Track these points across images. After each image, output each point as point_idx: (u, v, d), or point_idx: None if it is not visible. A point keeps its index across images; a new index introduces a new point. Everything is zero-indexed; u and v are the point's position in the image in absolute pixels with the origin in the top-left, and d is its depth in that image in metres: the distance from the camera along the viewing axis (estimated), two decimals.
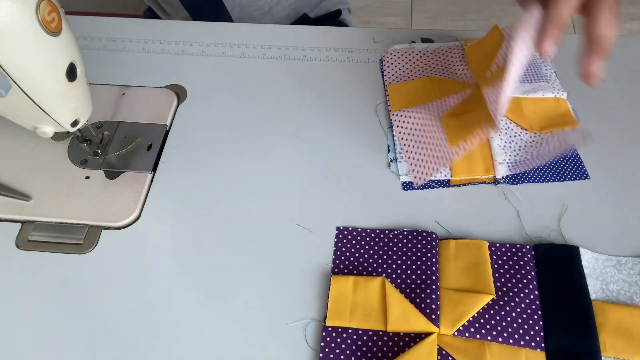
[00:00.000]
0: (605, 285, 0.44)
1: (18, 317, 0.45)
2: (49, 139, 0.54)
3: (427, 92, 0.58)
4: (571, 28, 1.75)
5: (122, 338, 0.43)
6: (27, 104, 0.43)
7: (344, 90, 0.61)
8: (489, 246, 0.46)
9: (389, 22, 1.82)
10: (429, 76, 0.60)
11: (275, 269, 0.47)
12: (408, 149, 0.53)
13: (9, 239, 0.49)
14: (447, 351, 0.41)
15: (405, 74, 0.61)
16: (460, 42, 0.63)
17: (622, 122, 0.56)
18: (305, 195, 0.52)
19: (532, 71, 0.59)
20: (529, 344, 0.41)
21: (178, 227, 0.50)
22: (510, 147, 0.53)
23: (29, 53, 0.40)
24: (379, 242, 0.47)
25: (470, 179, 0.51)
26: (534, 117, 0.55)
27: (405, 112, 0.56)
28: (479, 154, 0.52)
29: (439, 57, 0.63)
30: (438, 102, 0.57)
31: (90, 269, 0.47)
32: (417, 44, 0.64)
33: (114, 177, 0.53)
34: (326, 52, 0.65)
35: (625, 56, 0.62)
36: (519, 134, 0.54)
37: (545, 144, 0.52)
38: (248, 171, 0.54)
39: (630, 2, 1.84)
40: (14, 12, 0.38)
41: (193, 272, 0.47)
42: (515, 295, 0.43)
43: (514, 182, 0.51)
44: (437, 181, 0.52)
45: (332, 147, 0.55)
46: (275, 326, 0.43)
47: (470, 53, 0.61)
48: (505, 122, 0.55)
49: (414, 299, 0.43)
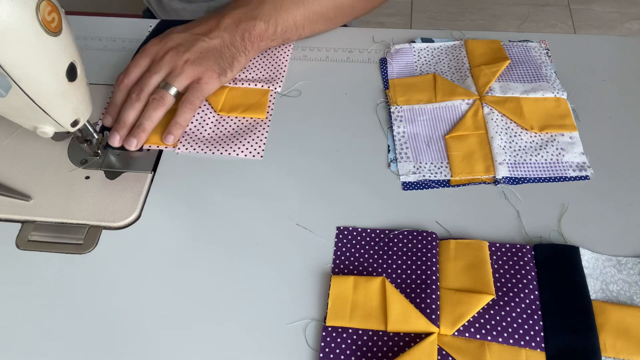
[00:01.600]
0: (605, 286, 0.44)
1: (18, 317, 0.45)
2: (48, 139, 0.54)
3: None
4: (571, 28, 1.76)
5: (122, 338, 0.43)
6: (27, 104, 0.43)
7: (344, 90, 0.61)
8: (489, 246, 0.46)
9: (389, 22, 1.82)
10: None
11: (275, 269, 0.47)
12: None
13: (9, 239, 0.49)
14: (447, 351, 0.41)
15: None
16: (461, 42, 0.63)
17: (622, 122, 0.56)
18: (305, 195, 0.52)
19: (532, 71, 0.59)
20: (529, 344, 0.41)
21: (178, 227, 0.50)
22: (511, 148, 0.53)
23: (29, 53, 0.40)
24: (379, 242, 0.47)
25: (470, 179, 0.51)
26: (534, 117, 0.55)
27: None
28: (479, 154, 0.53)
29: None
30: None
31: (90, 269, 0.47)
32: (417, 44, 0.64)
33: (114, 177, 0.53)
34: (326, 52, 0.65)
35: (625, 56, 0.62)
36: (519, 134, 0.54)
37: (545, 148, 0.53)
38: (248, 171, 0.54)
39: (630, 2, 1.84)
40: (14, 12, 0.38)
41: (193, 272, 0.47)
42: (515, 295, 0.43)
43: (514, 182, 0.51)
44: (437, 181, 0.52)
45: (332, 147, 0.55)
46: (275, 326, 0.43)
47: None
48: (505, 122, 0.55)
49: (414, 299, 0.43)
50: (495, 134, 0.53)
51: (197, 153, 0.55)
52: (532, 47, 0.62)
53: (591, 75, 0.60)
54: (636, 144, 0.54)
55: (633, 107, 0.57)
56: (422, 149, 0.54)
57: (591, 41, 0.64)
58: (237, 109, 0.58)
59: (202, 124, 0.57)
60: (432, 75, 0.60)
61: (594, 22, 1.79)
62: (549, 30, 1.76)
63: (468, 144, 0.54)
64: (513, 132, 0.54)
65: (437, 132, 0.55)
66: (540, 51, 0.62)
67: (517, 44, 0.63)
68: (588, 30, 1.76)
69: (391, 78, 0.61)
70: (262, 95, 0.60)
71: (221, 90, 0.60)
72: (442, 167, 0.52)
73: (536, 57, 0.61)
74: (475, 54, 0.61)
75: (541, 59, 0.61)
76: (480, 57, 0.61)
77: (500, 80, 0.58)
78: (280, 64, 0.63)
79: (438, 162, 0.53)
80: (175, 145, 0.55)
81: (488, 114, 0.55)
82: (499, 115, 0.55)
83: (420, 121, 0.56)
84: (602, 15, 1.81)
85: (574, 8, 1.83)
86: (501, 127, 0.54)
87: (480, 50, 0.62)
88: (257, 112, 0.58)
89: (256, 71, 0.63)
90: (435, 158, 0.53)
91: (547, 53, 0.62)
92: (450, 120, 0.56)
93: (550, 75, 0.59)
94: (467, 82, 0.59)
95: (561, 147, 0.53)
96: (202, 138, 0.56)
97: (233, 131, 0.57)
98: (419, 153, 0.54)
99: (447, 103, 0.57)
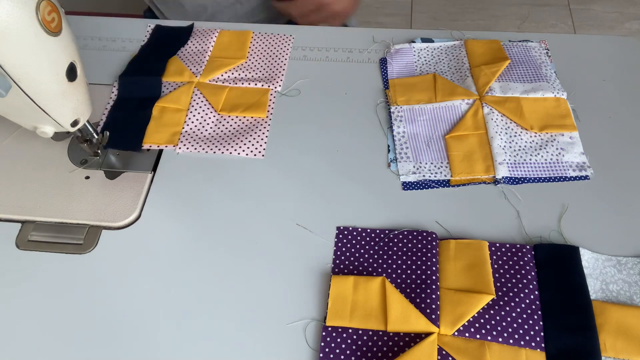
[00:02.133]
0: (605, 285, 0.44)
1: (18, 316, 0.45)
2: (48, 139, 0.54)
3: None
4: (571, 28, 1.76)
5: (122, 337, 0.43)
6: (27, 104, 0.43)
7: (344, 90, 0.61)
8: (489, 246, 0.46)
9: (389, 22, 1.81)
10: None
11: (276, 268, 0.47)
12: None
13: (9, 239, 0.49)
14: (447, 351, 0.41)
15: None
16: (461, 42, 0.63)
17: (622, 122, 0.56)
18: (305, 195, 0.52)
19: (532, 71, 0.59)
20: (529, 344, 0.41)
21: (178, 227, 0.50)
22: (511, 147, 0.53)
23: (29, 53, 0.40)
24: (379, 242, 0.47)
25: (470, 179, 0.51)
26: (534, 117, 0.55)
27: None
28: (479, 154, 0.53)
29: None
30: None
31: (90, 269, 0.47)
32: (417, 44, 0.64)
33: (114, 177, 0.53)
34: (326, 52, 0.65)
35: (625, 56, 0.62)
36: (519, 134, 0.54)
37: (545, 148, 0.53)
38: (248, 171, 0.54)
39: (630, 2, 1.83)
40: (14, 12, 0.38)
41: (193, 272, 0.47)
42: (515, 295, 0.43)
43: (514, 182, 0.51)
44: (437, 181, 0.52)
45: (332, 147, 0.55)
46: (275, 326, 0.43)
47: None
48: (505, 122, 0.55)
49: (414, 299, 0.43)
50: (495, 134, 0.53)
51: (197, 153, 0.55)
52: (532, 47, 0.62)
53: (591, 75, 0.60)
54: (636, 144, 0.54)
55: (633, 107, 0.57)
56: (422, 149, 0.54)
57: (591, 41, 0.64)
58: (238, 108, 0.58)
59: (202, 123, 0.57)
60: (432, 75, 0.60)
61: (594, 22, 1.79)
62: (549, 30, 1.76)
63: (468, 144, 0.54)
64: (513, 132, 0.54)
65: (437, 132, 0.55)
66: (540, 51, 0.62)
67: (517, 44, 0.63)
68: (588, 30, 1.76)
69: (391, 78, 0.61)
70: (262, 94, 0.60)
71: (221, 90, 0.60)
72: (442, 167, 0.52)
73: (536, 57, 0.61)
74: (475, 54, 0.61)
75: (541, 58, 0.61)
76: (480, 57, 0.61)
77: (500, 80, 0.58)
78: (279, 63, 0.63)
79: (438, 162, 0.53)
80: (176, 145, 0.55)
81: (488, 114, 0.55)
82: (499, 115, 0.55)
83: (420, 121, 0.56)
84: (602, 15, 1.81)
85: (574, 8, 1.83)
86: (501, 127, 0.54)
87: (480, 50, 0.62)
88: (258, 111, 0.58)
89: (256, 70, 0.63)
90: (435, 158, 0.53)
91: (547, 53, 0.62)
92: (450, 120, 0.56)
93: (550, 75, 0.59)
94: (467, 82, 0.59)
95: (561, 147, 0.53)
96: (203, 138, 0.56)
97: (234, 130, 0.57)
98: (419, 153, 0.54)
99: (447, 103, 0.57)
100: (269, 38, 0.66)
